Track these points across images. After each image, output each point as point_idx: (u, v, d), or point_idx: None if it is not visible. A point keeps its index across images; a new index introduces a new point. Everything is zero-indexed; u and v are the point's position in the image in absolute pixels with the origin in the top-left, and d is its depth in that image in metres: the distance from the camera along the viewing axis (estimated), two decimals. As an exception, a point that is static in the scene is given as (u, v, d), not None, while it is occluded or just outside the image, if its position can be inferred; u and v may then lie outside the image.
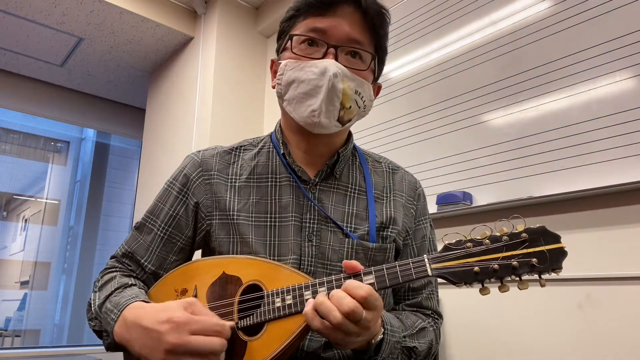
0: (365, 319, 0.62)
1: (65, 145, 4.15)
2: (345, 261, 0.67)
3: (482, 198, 1.63)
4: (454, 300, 1.71)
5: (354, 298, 0.61)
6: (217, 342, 0.62)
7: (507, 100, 1.61)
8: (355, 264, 0.67)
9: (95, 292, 0.80)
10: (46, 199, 3.99)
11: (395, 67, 2.04)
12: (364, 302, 0.62)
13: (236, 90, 2.81)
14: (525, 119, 1.55)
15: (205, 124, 2.70)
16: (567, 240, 0.66)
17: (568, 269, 0.67)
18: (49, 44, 3.06)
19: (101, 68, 3.36)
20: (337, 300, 0.62)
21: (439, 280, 0.67)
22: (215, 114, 2.69)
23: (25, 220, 3.94)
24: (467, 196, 1.65)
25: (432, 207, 1.73)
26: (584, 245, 1.39)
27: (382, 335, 0.71)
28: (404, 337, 0.77)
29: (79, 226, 3.92)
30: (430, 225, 0.96)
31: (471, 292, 1.69)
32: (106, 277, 0.82)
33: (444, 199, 1.70)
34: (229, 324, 0.66)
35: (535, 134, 1.51)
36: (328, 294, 0.64)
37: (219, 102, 2.72)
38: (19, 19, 2.79)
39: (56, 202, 4.00)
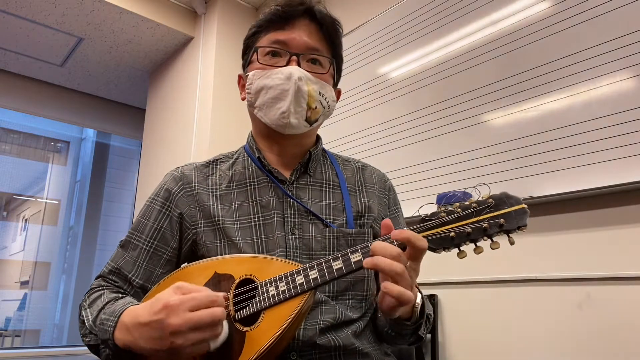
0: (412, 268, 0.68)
1: (65, 145, 4.15)
2: (384, 221, 0.73)
3: (482, 198, 1.63)
4: (454, 300, 1.71)
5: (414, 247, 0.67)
6: (217, 311, 0.65)
7: (507, 100, 1.61)
8: (391, 226, 0.72)
9: (86, 309, 0.81)
10: (46, 199, 3.99)
11: (395, 67, 2.05)
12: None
13: (236, 90, 2.80)
14: (525, 119, 1.55)
15: (205, 124, 2.70)
16: (568, 240, 0.67)
17: (568, 269, 0.68)
18: (49, 44, 3.06)
19: (101, 68, 3.36)
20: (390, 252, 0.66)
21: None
22: (215, 114, 2.69)
23: (25, 220, 3.95)
24: (467, 196, 1.65)
25: (432, 207, 1.73)
26: (584, 245, 1.39)
27: (419, 300, 0.77)
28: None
29: (79, 226, 3.92)
30: (402, 213, 1.03)
31: (470, 292, 1.69)
32: (94, 295, 0.83)
33: (444, 199, 1.70)
34: (221, 293, 0.69)
35: (535, 134, 1.51)
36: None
37: (219, 102, 2.72)
38: (19, 19, 2.79)
39: (56, 202, 4.00)
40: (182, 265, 0.86)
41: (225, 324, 0.67)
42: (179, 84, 3.07)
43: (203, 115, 2.74)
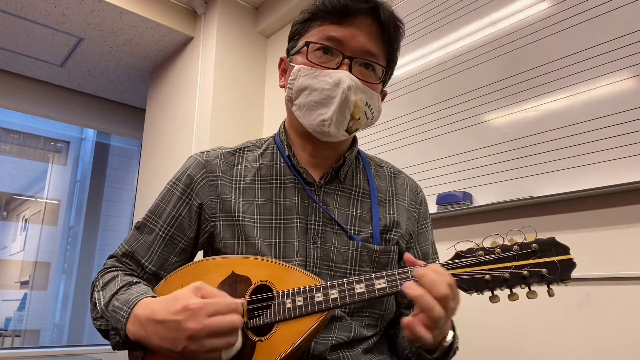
0: (452, 308, 0.63)
1: (65, 145, 4.15)
2: (407, 256, 0.68)
3: (482, 198, 1.63)
4: (454, 300, 1.71)
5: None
6: (236, 318, 0.64)
7: (507, 100, 1.61)
8: (415, 261, 0.67)
9: (99, 291, 0.79)
10: (46, 199, 3.99)
11: (395, 67, 2.04)
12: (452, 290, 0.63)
13: (236, 90, 2.81)
14: (525, 119, 1.55)
15: (205, 124, 2.70)
16: (567, 240, 0.66)
17: (568, 269, 0.67)
18: (49, 44, 3.06)
19: (101, 68, 3.36)
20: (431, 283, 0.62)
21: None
22: (215, 114, 2.69)
23: (25, 220, 3.95)
24: (467, 196, 1.65)
25: (432, 207, 1.73)
26: (584, 245, 1.39)
27: (450, 338, 0.71)
28: None
29: (79, 226, 3.92)
30: (431, 228, 0.97)
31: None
32: (107, 277, 0.81)
33: (444, 199, 1.70)
34: (239, 300, 0.67)
35: (535, 134, 1.51)
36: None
37: (219, 102, 2.72)
38: (19, 19, 2.79)
39: (56, 202, 4.01)
40: (201, 258, 0.84)
41: (240, 334, 0.66)
42: (179, 84, 3.07)
43: (203, 115, 2.74)
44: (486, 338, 1.59)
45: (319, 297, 0.68)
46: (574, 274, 1.47)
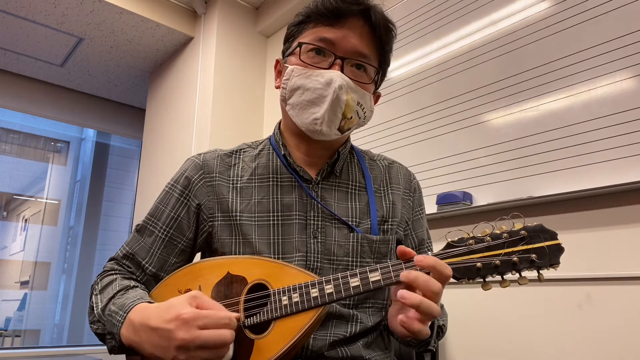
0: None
1: (65, 145, 4.15)
2: (399, 248, 0.68)
3: (482, 198, 1.63)
4: (454, 300, 1.71)
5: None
6: (227, 334, 0.64)
7: (507, 100, 1.61)
8: (408, 250, 0.68)
9: (96, 295, 0.80)
10: (46, 199, 3.99)
11: (395, 67, 2.04)
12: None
13: (236, 90, 2.82)
14: (525, 119, 1.55)
15: (205, 124, 2.70)
16: (567, 240, 0.67)
17: (568, 269, 0.68)
18: (49, 44, 3.06)
19: (101, 68, 3.36)
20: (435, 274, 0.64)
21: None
22: (215, 114, 2.69)
23: (25, 220, 3.94)
24: (467, 196, 1.65)
25: (432, 207, 1.73)
26: (584, 245, 1.39)
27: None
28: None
29: (79, 226, 3.92)
30: (425, 214, 0.99)
31: (471, 291, 1.69)
32: (106, 280, 0.82)
33: (444, 199, 1.70)
34: (235, 315, 0.67)
35: (535, 134, 1.51)
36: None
37: (219, 102, 2.72)
38: (19, 19, 2.79)
39: (56, 202, 4.00)
40: (196, 260, 0.84)
41: (231, 347, 0.66)
42: (179, 84, 3.07)
43: (203, 115, 2.74)
44: (486, 337, 1.59)
45: (314, 292, 0.69)
46: (574, 273, 1.47)
